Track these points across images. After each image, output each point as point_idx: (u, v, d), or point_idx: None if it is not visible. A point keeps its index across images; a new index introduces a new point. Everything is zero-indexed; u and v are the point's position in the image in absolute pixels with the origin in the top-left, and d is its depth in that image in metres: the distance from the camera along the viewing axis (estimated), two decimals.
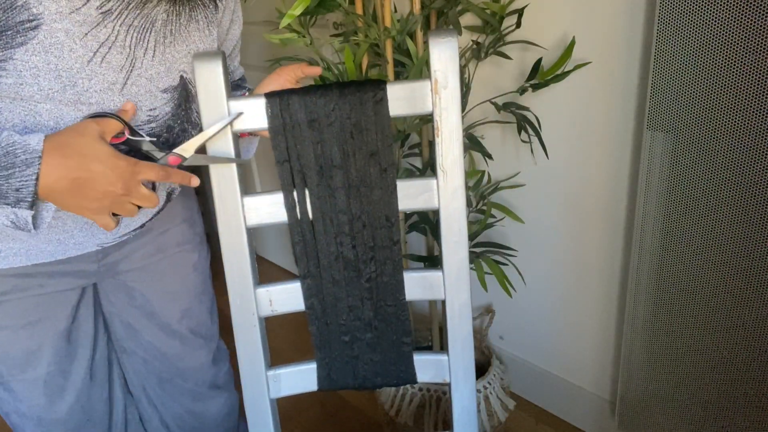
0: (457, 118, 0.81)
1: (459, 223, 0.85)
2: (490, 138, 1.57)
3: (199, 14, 0.87)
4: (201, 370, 1.17)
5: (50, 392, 1.00)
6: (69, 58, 0.73)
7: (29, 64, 0.71)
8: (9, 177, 0.68)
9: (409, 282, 0.89)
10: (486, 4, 1.29)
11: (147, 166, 0.74)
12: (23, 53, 0.70)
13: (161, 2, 0.79)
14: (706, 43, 1.01)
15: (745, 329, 1.13)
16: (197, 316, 1.14)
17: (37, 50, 0.70)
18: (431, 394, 1.52)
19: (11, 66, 0.70)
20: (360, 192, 0.84)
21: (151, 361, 1.12)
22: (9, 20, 0.68)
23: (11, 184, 0.68)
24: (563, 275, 1.56)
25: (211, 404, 1.19)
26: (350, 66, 1.23)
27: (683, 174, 1.12)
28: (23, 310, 0.93)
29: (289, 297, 0.90)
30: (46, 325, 0.96)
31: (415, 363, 0.93)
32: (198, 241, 1.14)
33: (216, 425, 1.21)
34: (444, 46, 0.78)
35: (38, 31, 0.70)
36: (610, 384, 1.57)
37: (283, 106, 0.81)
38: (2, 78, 0.71)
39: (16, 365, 0.96)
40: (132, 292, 1.07)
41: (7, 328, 0.93)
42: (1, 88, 0.71)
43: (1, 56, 0.70)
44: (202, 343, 1.16)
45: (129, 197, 0.74)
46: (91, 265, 0.99)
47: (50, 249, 0.90)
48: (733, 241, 1.09)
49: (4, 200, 0.69)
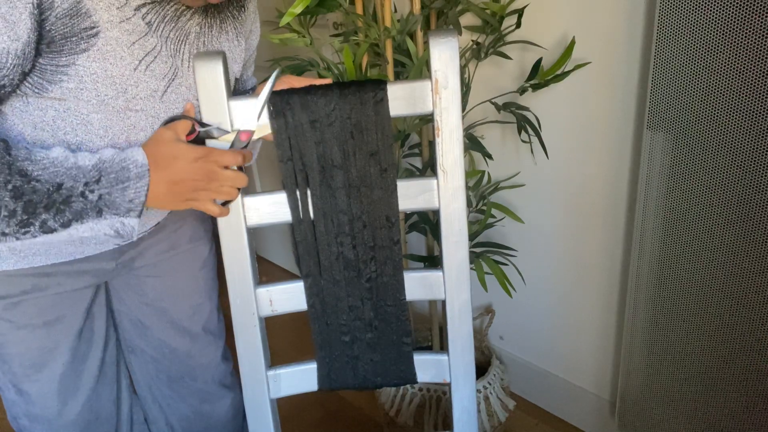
0: (458, 118, 0.81)
1: (459, 223, 0.85)
2: (490, 138, 1.57)
3: (229, 25, 0.91)
4: (210, 367, 1.17)
5: (64, 392, 1.00)
6: (121, 65, 0.78)
7: (89, 70, 0.75)
8: (125, 189, 0.75)
9: (410, 282, 0.89)
10: (486, 4, 1.29)
11: (222, 152, 0.79)
12: (85, 59, 0.75)
13: (194, 16, 0.84)
14: (706, 43, 1.01)
15: (745, 329, 1.13)
16: (208, 312, 1.14)
17: (97, 57, 0.75)
18: (431, 394, 1.52)
19: (73, 71, 0.75)
20: (360, 192, 0.84)
21: (161, 359, 1.12)
22: (75, 26, 0.73)
23: (126, 195, 0.76)
24: (563, 275, 1.56)
25: (218, 405, 1.19)
26: (350, 66, 1.23)
27: (683, 174, 1.12)
28: (41, 309, 0.94)
29: (289, 297, 0.90)
30: (64, 323, 0.97)
31: (415, 363, 0.93)
32: (208, 237, 1.16)
33: (221, 427, 1.21)
34: (444, 46, 0.78)
35: (98, 38, 0.75)
36: (610, 384, 1.57)
37: (285, 106, 0.81)
38: (64, 82, 0.75)
39: (32, 365, 0.96)
40: (144, 288, 1.07)
41: (26, 327, 0.94)
42: (63, 92, 0.76)
43: (66, 61, 0.74)
44: (211, 340, 1.16)
45: (219, 182, 0.79)
46: (109, 263, 1.00)
47: (71, 248, 0.92)
48: (733, 241, 1.09)
49: (115, 211, 0.76)
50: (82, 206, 0.74)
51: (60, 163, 0.73)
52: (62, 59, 0.74)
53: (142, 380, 1.15)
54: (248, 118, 0.82)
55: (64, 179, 0.73)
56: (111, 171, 0.75)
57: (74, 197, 0.73)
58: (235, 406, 1.23)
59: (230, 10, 0.90)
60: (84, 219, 0.74)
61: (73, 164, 0.74)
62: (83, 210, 0.74)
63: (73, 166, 0.74)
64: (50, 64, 0.74)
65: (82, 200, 0.74)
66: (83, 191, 0.74)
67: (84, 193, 0.74)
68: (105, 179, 0.75)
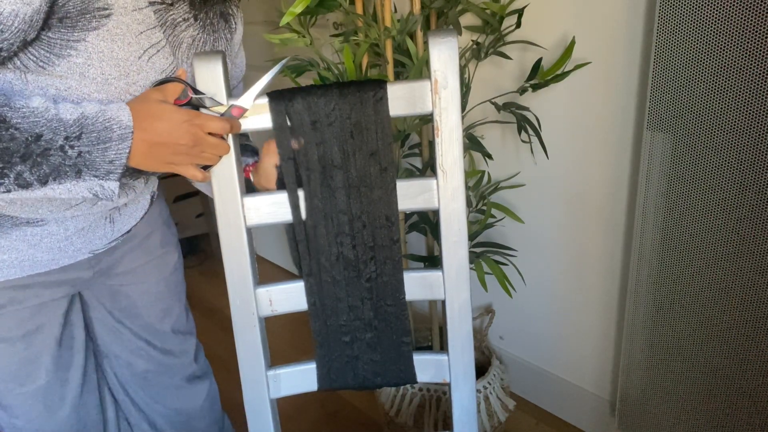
0: (457, 118, 0.81)
1: (459, 223, 0.85)
2: (490, 138, 1.57)
3: (221, 46, 0.92)
4: (185, 364, 1.20)
5: (50, 402, 1.00)
6: (127, 50, 0.78)
7: (97, 48, 0.76)
8: (106, 150, 0.74)
9: (409, 282, 0.89)
10: (486, 4, 1.29)
11: (209, 118, 0.79)
12: (95, 37, 0.75)
13: (189, 28, 0.85)
14: (706, 43, 1.01)
15: (745, 329, 1.13)
16: (177, 314, 1.17)
17: (106, 37, 0.76)
18: (431, 394, 1.52)
19: (83, 47, 0.75)
20: (360, 192, 0.84)
21: (135, 362, 1.14)
22: (89, 5, 0.73)
23: (106, 156, 0.74)
24: (563, 275, 1.56)
25: (195, 399, 1.22)
26: (350, 66, 1.23)
27: (683, 174, 1.12)
28: (20, 320, 0.93)
29: (289, 297, 0.90)
30: (43, 333, 0.97)
31: (415, 363, 0.93)
32: (176, 243, 1.18)
33: (201, 417, 1.24)
34: (444, 46, 0.78)
35: (109, 20, 0.75)
36: (610, 384, 1.57)
37: (287, 105, 0.81)
38: (73, 57, 0.75)
39: (14, 378, 0.96)
40: (117, 296, 1.08)
41: (5, 341, 0.93)
42: (69, 66, 0.76)
43: (78, 36, 0.74)
44: (182, 339, 1.18)
45: (201, 147, 0.79)
46: (86, 272, 1.00)
47: (46, 258, 0.91)
48: (733, 240, 1.09)
49: (95, 172, 0.74)
50: (60, 161, 0.72)
51: (40, 114, 0.71)
52: (74, 34, 0.74)
53: (118, 385, 1.16)
54: (245, 96, 0.81)
55: (43, 130, 0.70)
56: (93, 129, 0.73)
57: (53, 150, 0.71)
58: (211, 396, 1.26)
59: (223, 33, 0.92)
60: (62, 178, 0.73)
61: (54, 116, 0.72)
62: (61, 165, 0.72)
63: (54, 118, 0.71)
64: (61, 39, 0.73)
65: (61, 154, 0.72)
66: (63, 145, 0.72)
67: (63, 147, 0.72)
68: (86, 137, 0.73)
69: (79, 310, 1.05)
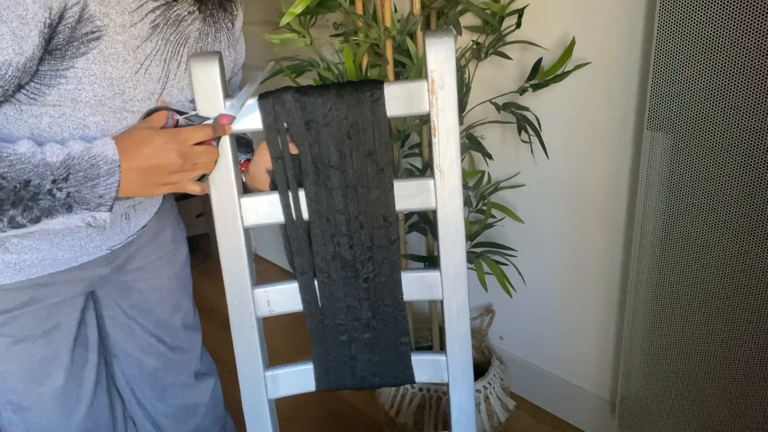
0: (454, 119, 0.81)
1: (456, 223, 0.85)
2: (490, 138, 1.57)
3: (223, 35, 0.93)
4: (193, 360, 1.20)
5: (67, 403, 1.00)
6: (122, 68, 0.78)
7: (88, 71, 0.76)
8: (95, 186, 0.75)
9: (407, 282, 0.89)
10: (486, 4, 1.29)
11: (191, 130, 0.79)
12: (84, 62, 0.76)
13: (195, 21, 0.86)
14: (706, 43, 1.01)
15: (745, 329, 1.13)
16: (186, 309, 1.18)
17: (97, 59, 0.76)
18: (431, 394, 1.52)
19: (72, 74, 0.76)
20: (357, 192, 0.84)
21: (146, 360, 1.14)
22: (77, 32, 0.74)
23: (96, 192, 0.76)
24: (563, 275, 1.56)
25: (200, 395, 1.23)
26: (350, 66, 1.23)
27: (683, 174, 1.12)
28: (39, 319, 0.94)
29: (286, 297, 0.90)
30: (61, 331, 0.98)
31: (414, 363, 0.93)
32: (185, 238, 1.19)
33: (205, 414, 1.24)
34: (440, 46, 0.78)
35: (100, 42, 0.75)
36: (610, 384, 1.56)
37: (276, 104, 0.81)
38: (62, 84, 0.76)
39: (34, 378, 0.96)
40: (130, 291, 1.09)
41: (25, 340, 0.94)
42: (60, 94, 0.76)
43: (66, 65, 0.75)
44: (190, 335, 1.19)
45: (191, 160, 0.79)
46: (104, 268, 1.01)
47: (67, 256, 0.92)
48: (733, 240, 1.09)
49: (85, 206, 0.76)
50: (50, 204, 0.74)
51: (27, 160, 0.72)
52: (63, 63, 0.74)
53: (125, 384, 1.17)
54: (232, 103, 0.82)
55: (31, 176, 0.72)
56: (80, 169, 0.75)
57: (42, 195, 0.73)
58: (216, 393, 1.27)
59: (224, 22, 0.93)
60: (53, 215, 0.74)
61: (41, 161, 0.73)
62: (51, 207, 0.74)
63: (40, 163, 0.73)
64: (50, 70, 0.74)
65: (50, 198, 0.73)
66: (51, 189, 0.73)
67: (51, 191, 0.73)
68: (73, 177, 0.74)
69: (92, 309, 1.06)
